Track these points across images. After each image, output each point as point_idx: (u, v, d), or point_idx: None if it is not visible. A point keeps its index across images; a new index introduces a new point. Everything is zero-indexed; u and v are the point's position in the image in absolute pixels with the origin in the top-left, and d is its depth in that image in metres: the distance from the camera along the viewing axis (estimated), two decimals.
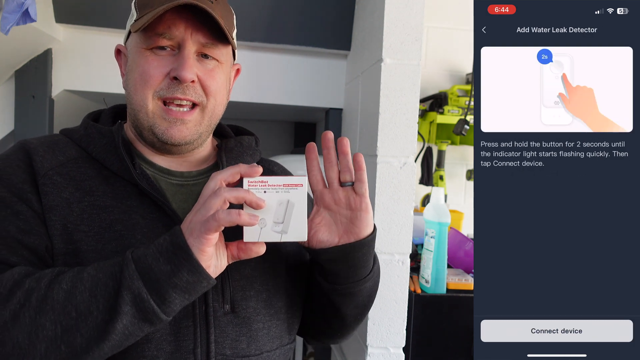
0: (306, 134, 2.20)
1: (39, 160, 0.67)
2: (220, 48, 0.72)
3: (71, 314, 0.54)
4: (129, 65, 0.73)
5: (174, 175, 0.76)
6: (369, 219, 0.67)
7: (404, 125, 1.11)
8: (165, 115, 0.70)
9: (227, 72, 0.76)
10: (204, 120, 0.73)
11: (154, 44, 0.69)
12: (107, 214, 0.67)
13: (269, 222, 0.61)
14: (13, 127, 1.37)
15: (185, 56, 0.69)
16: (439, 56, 1.88)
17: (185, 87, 0.69)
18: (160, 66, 0.69)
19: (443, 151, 1.79)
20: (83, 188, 0.68)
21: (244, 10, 1.38)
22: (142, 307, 0.56)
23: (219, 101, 0.74)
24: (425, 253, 1.21)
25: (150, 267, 0.57)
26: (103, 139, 0.72)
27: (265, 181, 0.61)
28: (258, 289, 0.72)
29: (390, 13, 1.10)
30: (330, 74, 1.51)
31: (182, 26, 0.69)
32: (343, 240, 0.68)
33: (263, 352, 0.71)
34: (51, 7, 1.27)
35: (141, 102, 0.70)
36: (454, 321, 1.19)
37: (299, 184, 0.62)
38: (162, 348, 0.65)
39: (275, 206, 0.62)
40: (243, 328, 0.70)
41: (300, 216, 0.62)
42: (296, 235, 0.62)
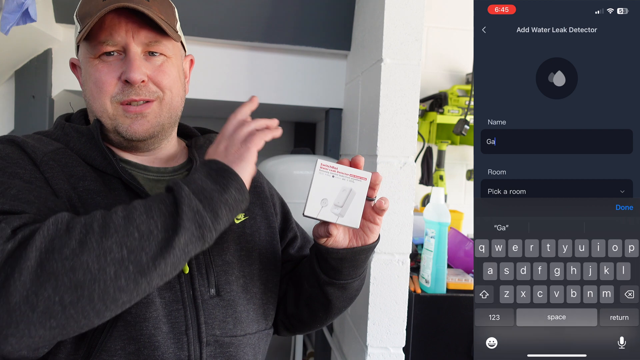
0: (306, 134, 2.19)
1: (30, 150, 0.68)
2: (165, 43, 0.74)
3: (134, 234, 0.56)
4: (83, 77, 0.76)
5: (151, 171, 0.78)
6: (378, 230, 0.74)
7: (404, 125, 1.12)
8: (125, 114, 0.72)
9: (177, 65, 0.78)
10: (163, 111, 0.75)
11: (100, 52, 0.71)
12: (102, 198, 0.69)
13: (330, 203, 0.67)
14: (13, 127, 1.37)
15: (131, 58, 0.71)
16: (439, 56, 1.88)
17: (138, 88, 0.71)
18: (110, 72, 0.71)
19: (443, 151, 1.79)
20: (76, 174, 0.69)
21: (243, 10, 1.38)
22: (201, 223, 0.59)
23: (175, 93, 0.76)
24: (425, 253, 1.21)
25: (203, 187, 0.60)
26: (82, 137, 0.73)
27: (336, 167, 0.68)
28: (237, 274, 0.76)
29: (390, 13, 1.10)
30: (330, 74, 1.51)
31: (123, 30, 0.70)
32: (352, 243, 0.73)
33: (247, 333, 0.76)
34: (51, 7, 1.27)
35: (101, 109, 0.72)
36: (454, 321, 1.19)
37: (364, 177, 0.68)
38: (159, 327, 0.67)
39: (338, 191, 0.67)
40: (229, 310, 0.74)
41: (358, 205, 0.68)
42: (350, 221, 0.68)
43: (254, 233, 0.82)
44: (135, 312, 0.66)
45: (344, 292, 0.79)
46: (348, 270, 0.75)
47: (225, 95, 1.45)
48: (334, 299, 0.79)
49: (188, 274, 0.72)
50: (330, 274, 0.76)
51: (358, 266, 0.76)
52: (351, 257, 0.73)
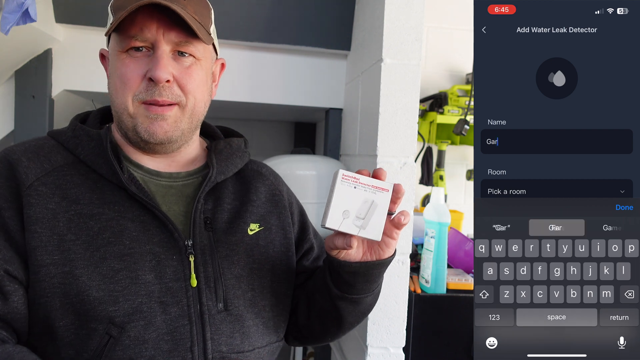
0: (306, 134, 2.19)
1: (22, 171, 0.67)
2: (195, 44, 0.72)
3: None
4: (109, 69, 0.74)
5: (163, 177, 0.76)
6: (394, 245, 0.72)
7: (404, 125, 1.12)
8: (146, 113, 0.71)
9: (206, 68, 0.76)
10: (184, 117, 0.73)
11: (128, 46, 0.70)
12: (95, 222, 0.67)
13: (351, 215, 0.65)
14: (13, 127, 1.37)
15: (158, 56, 0.69)
16: (439, 56, 1.88)
17: (162, 88, 0.70)
18: (136, 68, 0.70)
19: (443, 151, 1.79)
20: (69, 197, 0.68)
21: (244, 10, 1.38)
22: None
23: (198, 98, 0.74)
24: (425, 253, 1.21)
25: None
26: (91, 142, 0.72)
27: (357, 178, 0.66)
28: (244, 288, 0.74)
29: (390, 13, 1.10)
30: (330, 74, 1.51)
31: (154, 27, 0.69)
32: (366, 257, 0.71)
33: (255, 348, 0.74)
34: (51, 7, 1.27)
35: (123, 105, 0.71)
36: (454, 321, 1.19)
37: (386, 189, 0.67)
38: (159, 347, 0.66)
39: (360, 202, 0.66)
40: (236, 325, 0.72)
41: (380, 217, 0.66)
42: (372, 234, 0.66)
43: (267, 245, 0.80)
44: (133, 334, 0.65)
45: (356, 307, 0.77)
46: (361, 284, 0.73)
47: (225, 95, 1.45)
48: (346, 313, 0.77)
49: (196, 287, 0.70)
50: (342, 288, 0.74)
51: (372, 281, 0.74)
52: (365, 271, 0.71)
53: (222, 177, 0.79)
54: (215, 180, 0.78)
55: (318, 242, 0.92)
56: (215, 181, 0.78)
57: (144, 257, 0.68)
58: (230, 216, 0.78)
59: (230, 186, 0.81)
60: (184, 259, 0.71)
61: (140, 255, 0.68)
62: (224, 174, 0.80)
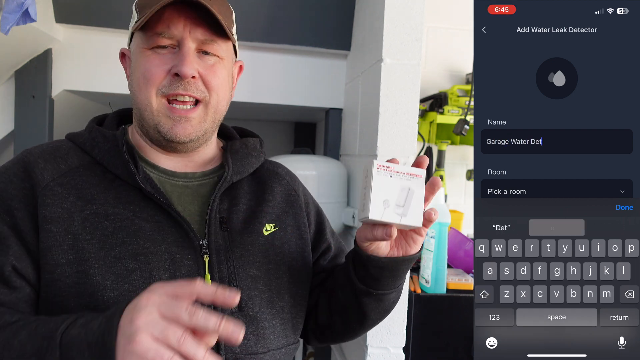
0: (306, 134, 2.19)
1: (39, 172, 0.68)
2: (220, 44, 0.73)
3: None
4: (132, 67, 0.74)
5: (179, 177, 0.76)
6: (421, 242, 0.72)
7: (404, 125, 1.12)
8: (169, 114, 0.71)
9: (228, 68, 0.77)
10: (208, 116, 0.74)
11: (155, 44, 0.70)
12: (110, 222, 0.68)
13: (391, 204, 0.65)
14: (13, 127, 1.37)
15: (184, 52, 0.70)
16: (439, 56, 1.88)
17: (187, 83, 0.70)
18: (161, 64, 0.70)
19: (443, 151, 1.79)
20: (85, 197, 0.68)
21: (243, 10, 1.38)
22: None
23: (221, 96, 0.75)
24: (425, 253, 1.21)
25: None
26: (107, 143, 0.72)
27: (392, 167, 0.66)
28: (261, 289, 0.74)
29: (390, 13, 1.10)
30: (330, 74, 1.51)
31: (181, 24, 0.70)
32: (393, 252, 0.71)
33: (270, 350, 0.73)
34: (51, 7, 1.27)
35: (145, 101, 0.71)
36: (454, 321, 1.19)
37: (419, 175, 0.67)
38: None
39: (398, 190, 0.65)
40: (250, 326, 0.71)
41: (418, 204, 0.66)
42: (413, 220, 0.66)
43: (283, 245, 0.79)
44: None
45: (379, 304, 0.77)
46: (387, 280, 0.73)
47: None
48: (369, 310, 0.77)
49: None
50: (368, 283, 0.74)
51: (397, 277, 0.74)
52: (392, 266, 0.71)
53: (237, 177, 0.79)
54: (231, 180, 0.78)
55: (335, 241, 0.92)
56: (231, 181, 0.78)
57: (159, 256, 0.68)
58: (246, 216, 0.78)
59: (245, 186, 0.81)
60: (198, 258, 0.70)
61: (154, 255, 0.68)
62: (239, 174, 0.80)
